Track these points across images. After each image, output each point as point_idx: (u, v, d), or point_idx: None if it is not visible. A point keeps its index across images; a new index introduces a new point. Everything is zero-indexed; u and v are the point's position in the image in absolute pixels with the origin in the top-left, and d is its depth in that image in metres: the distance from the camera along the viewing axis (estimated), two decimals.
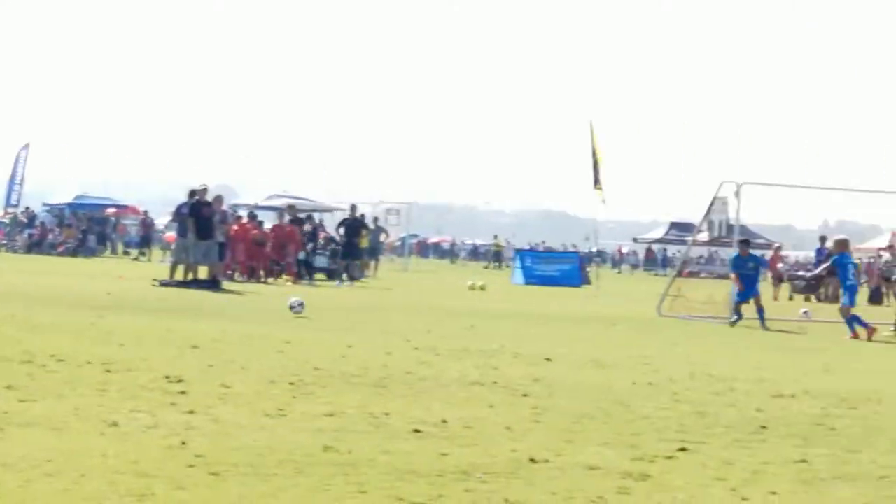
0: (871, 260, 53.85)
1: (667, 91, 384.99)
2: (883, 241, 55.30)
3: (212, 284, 31.82)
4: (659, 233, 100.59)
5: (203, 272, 33.00)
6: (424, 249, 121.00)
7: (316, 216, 51.04)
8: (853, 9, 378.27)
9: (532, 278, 50.73)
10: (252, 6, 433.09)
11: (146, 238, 62.86)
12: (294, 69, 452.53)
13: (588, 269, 56.09)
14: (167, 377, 12.75)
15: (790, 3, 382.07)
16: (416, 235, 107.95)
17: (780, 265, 51.97)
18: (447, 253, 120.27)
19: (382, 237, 55.29)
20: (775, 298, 42.34)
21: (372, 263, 49.75)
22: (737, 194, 30.11)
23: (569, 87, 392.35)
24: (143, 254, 60.29)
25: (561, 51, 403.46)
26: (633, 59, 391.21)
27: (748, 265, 28.12)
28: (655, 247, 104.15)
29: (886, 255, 47.39)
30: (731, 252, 31.55)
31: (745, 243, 28.71)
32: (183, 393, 11.77)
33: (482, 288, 42.01)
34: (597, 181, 47.69)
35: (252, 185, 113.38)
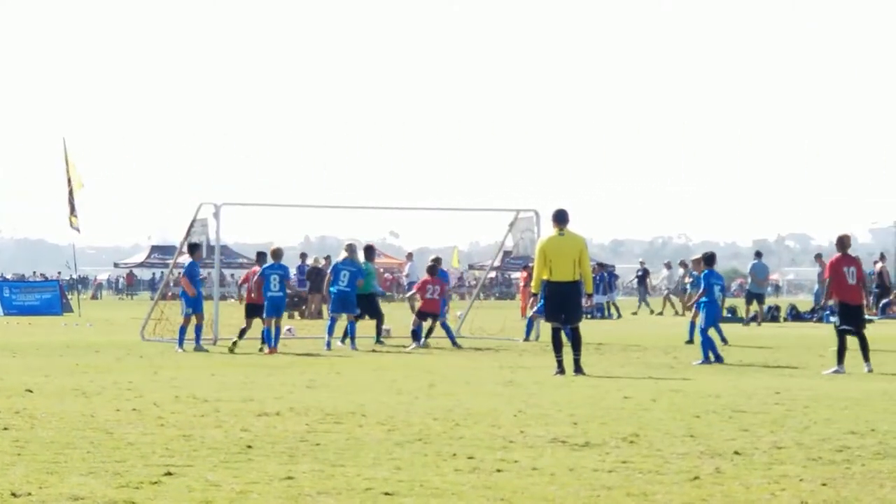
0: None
1: (138, 111, 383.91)
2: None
3: None
4: (140, 257, 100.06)
5: None
6: None
7: None
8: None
9: (12, 309, 49.18)
10: None
11: None
12: None
13: (69, 297, 55.08)
14: None
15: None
16: None
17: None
18: None
19: None
20: None
21: None
22: (216, 215, 30.21)
23: (42, 107, 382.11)
24: None
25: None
26: (105, 78, 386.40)
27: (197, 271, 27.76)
28: (138, 271, 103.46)
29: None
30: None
31: (194, 247, 28.25)
32: None
33: None
34: (73, 209, 46.80)
35: None
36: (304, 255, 51.55)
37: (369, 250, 31.56)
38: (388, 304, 52.70)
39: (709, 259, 25.49)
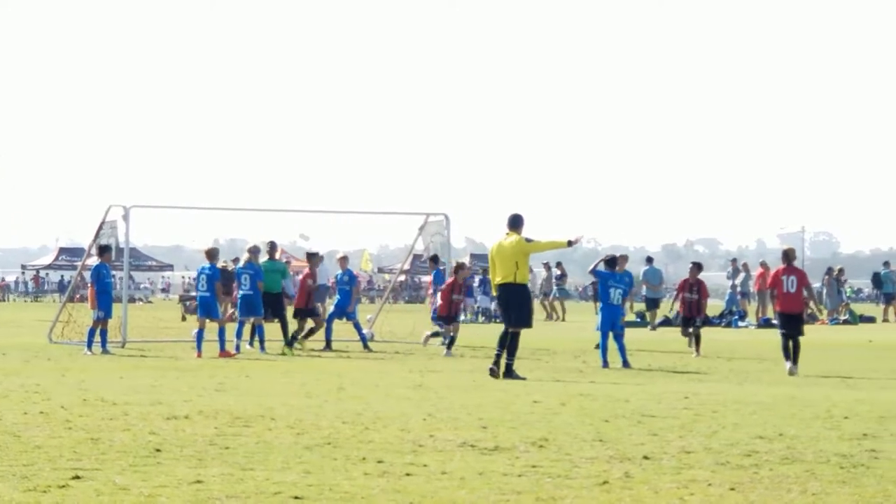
0: None
1: (44, 110, 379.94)
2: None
3: None
4: (48, 259, 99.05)
5: None
6: None
7: None
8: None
9: None
10: None
11: None
12: None
13: None
14: None
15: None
16: None
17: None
18: None
19: None
20: (183, 319, 42.63)
21: None
22: (125, 217, 30.00)
23: None
24: None
25: None
26: (10, 76, 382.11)
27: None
28: (44, 273, 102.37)
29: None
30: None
31: (104, 249, 28.02)
32: None
33: None
34: None
35: None
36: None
37: (270, 247, 31.10)
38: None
39: (609, 262, 25.36)
